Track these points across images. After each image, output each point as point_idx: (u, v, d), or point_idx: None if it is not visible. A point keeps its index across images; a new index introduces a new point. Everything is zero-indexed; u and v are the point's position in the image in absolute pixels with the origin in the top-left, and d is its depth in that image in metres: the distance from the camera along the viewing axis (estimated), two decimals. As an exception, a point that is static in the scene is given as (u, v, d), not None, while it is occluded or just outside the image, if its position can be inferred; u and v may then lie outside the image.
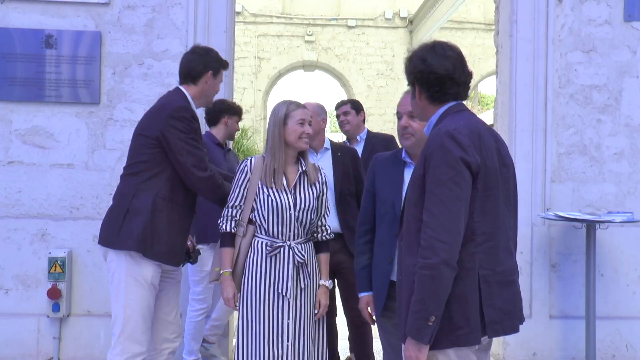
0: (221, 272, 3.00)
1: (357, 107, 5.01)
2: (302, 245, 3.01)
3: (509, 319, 2.09)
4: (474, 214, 2.02)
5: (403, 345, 2.11)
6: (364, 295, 2.87)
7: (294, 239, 2.98)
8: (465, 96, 2.22)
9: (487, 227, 2.05)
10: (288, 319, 2.91)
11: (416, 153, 2.64)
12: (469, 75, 2.21)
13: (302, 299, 2.97)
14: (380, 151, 3.57)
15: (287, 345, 2.89)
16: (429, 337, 1.97)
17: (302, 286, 2.97)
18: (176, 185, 3.04)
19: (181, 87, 3.22)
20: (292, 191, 2.98)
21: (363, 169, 3.82)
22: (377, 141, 4.88)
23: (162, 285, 3.13)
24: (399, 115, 2.74)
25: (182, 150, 2.96)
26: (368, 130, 5.01)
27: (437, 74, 2.14)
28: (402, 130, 2.70)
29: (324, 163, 3.75)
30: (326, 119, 3.94)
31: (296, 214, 2.95)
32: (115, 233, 2.95)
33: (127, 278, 2.94)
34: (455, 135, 2.02)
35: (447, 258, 1.94)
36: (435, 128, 2.16)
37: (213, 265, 3.17)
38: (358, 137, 4.90)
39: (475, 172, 2.01)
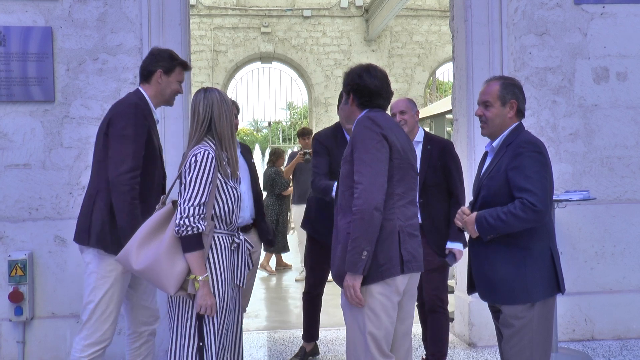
0: (199, 279, 2.66)
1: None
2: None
3: (416, 261, 2.76)
4: (393, 180, 2.67)
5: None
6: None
7: (238, 229, 3.00)
8: (386, 108, 2.89)
9: (401, 189, 2.71)
10: (239, 307, 2.97)
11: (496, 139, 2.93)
12: (390, 92, 2.89)
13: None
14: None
15: (237, 332, 2.98)
16: (362, 268, 2.57)
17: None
18: None
19: (140, 88, 3.30)
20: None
21: (456, 160, 3.84)
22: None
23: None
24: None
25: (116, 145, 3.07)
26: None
27: (369, 88, 2.80)
28: (479, 118, 2.98)
29: None
30: (418, 112, 3.92)
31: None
32: (85, 231, 3.10)
33: (98, 270, 3.09)
34: (375, 119, 2.71)
35: (375, 204, 2.56)
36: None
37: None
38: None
39: (391, 145, 2.66)
